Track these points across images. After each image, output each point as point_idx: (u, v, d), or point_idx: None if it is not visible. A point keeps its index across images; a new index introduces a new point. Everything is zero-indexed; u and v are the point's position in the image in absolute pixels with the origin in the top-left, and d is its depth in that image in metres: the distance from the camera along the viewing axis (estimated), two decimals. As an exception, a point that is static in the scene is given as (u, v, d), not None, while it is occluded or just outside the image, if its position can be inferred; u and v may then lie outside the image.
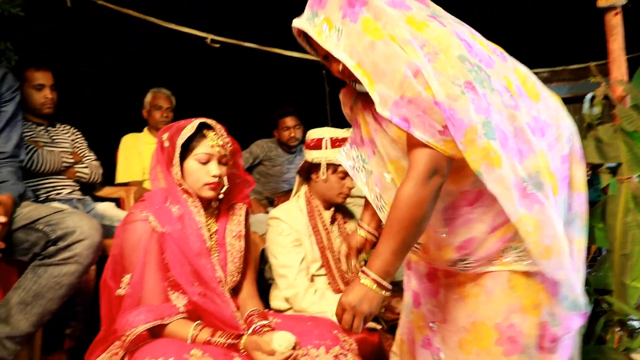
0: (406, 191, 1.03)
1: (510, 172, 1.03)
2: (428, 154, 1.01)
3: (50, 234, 1.42)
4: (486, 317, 1.16)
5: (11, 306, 1.39)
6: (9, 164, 1.62)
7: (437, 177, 1.03)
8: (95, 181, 2.30)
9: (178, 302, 1.45)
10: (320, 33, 1.06)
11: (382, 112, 1.02)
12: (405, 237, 1.05)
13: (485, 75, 1.04)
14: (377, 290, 1.05)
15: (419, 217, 1.04)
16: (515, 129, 1.07)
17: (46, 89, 2.18)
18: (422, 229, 1.07)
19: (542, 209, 1.05)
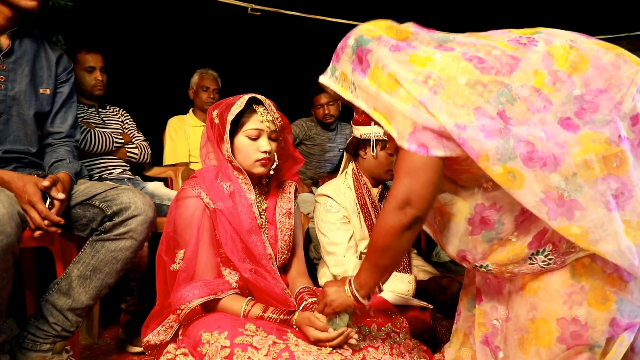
0: (382, 218, 1.11)
1: (537, 188, 0.99)
2: (404, 185, 1.06)
3: (106, 209, 1.45)
4: (546, 313, 1.11)
5: (72, 279, 1.44)
6: (66, 143, 1.66)
7: (410, 209, 1.06)
8: (145, 161, 2.35)
9: (230, 278, 1.46)
10: (340, 86, 1.18)
11: (401, 144, 1.05)
12: (379, 261, 1.16)
13: (502, 88, 1.03)
14: (350, 297, 1.23)
15: (387, 245, 1.12)
16: (547, 131, 1.01)
17: (97, 71, 2.22)
18: (396, 255, 1.15)
19: (584, 215, 0.99)
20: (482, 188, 1.13)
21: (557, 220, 0.99)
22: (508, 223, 1.12)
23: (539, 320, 1.12)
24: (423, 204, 1.06)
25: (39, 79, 1.60)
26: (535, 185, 0.98)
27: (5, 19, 1.49)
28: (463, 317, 1.42)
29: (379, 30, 1.15)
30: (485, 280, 1.29)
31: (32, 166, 1.59)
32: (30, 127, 1.58)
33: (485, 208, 1.13)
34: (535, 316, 1.13)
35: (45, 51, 1.63)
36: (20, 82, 1.54)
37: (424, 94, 1.02)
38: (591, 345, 1.08)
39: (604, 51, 1.10)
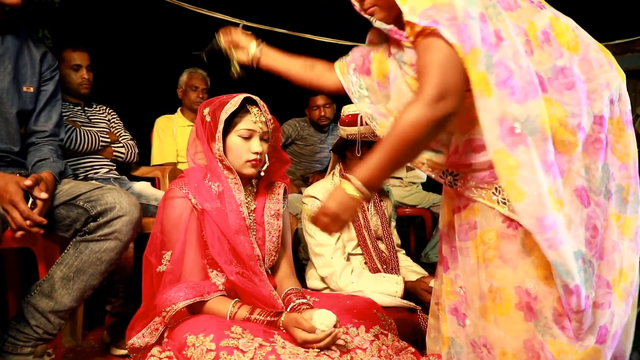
0: (411, 111, 1.02)
1: (499, 105, 1.00)
2: (439, 76, 1.00)
3: (91, 210, 1.42)
4: (504, 280, 1.10)
5: (55, 281, 1.41)
6: (50, 142, 1.63)
7: (445, 102, 1.00)
8: (132, 161, 2.32)
9: (217, 279, 1.44)
10: None
11: (411, 18, 1.02)
12: (397, 155, 1.05)
13: (501, 14, 1.05)
14: (358, 197, 1.07)
15: (416, 139, 1.03)
16: (522, 69, 1.03)
17: (83, 69, 2.18)
18: (416, 151, 1.09)
19: (525, 151, 1.00)
20: None
21: (499, 145, 1.01)
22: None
23: (496, 287, 1.11)
24: (458, 98, 1.02)
25: (22, 77, 1.57)
26: (496, 105, 1.00)
27: None
28: (434, 291, 1.40)
29: None
30: (450, 247, 1.28)
31: (15, 165, 1.56)
32: (13, 126, 1.55)
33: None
34: (493, 285, 1.12)
35: (29, 48, 1.60)
36: (2, 80, 1.51)
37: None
38: (540, 318, 1.06)
39: (596, 49, 1.15)
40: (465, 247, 1.20)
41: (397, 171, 1.90)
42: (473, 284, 1.18)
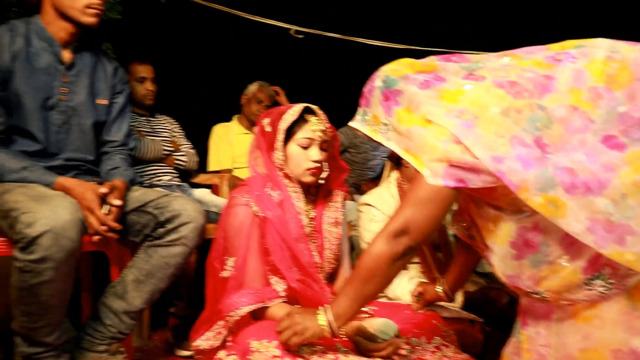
0: (371, 245, 1.10)
1: (582, 215, 0.94)
2: (406, 213, 1.06)
3: (159, 216, 1.49)
4: (600, 343, 1.03)
5: (127, 283, 1.48)
6: (120, 151, 1.72)
7: (405, 239, 1.06)
8: (192, 168, 2.41)
9: (278, 286, 1.47)
10: (372, 129, 1.17)
11: (435, 182, 1.03)
12: (362, 288, 1.13)
13: (538, 111, 1.00)
14: (326, 327, 1.16)
15: (374, 273, 1.10)
16: (589, 152, 0.97)
17: (148, 81, 2.30)
18: (379, 286, 1.14)
19: (637, 240, 0.93)
20: (522, 212, 1.07)
21: (607, 248, 0.94)
22: (554, 245, 1.05)
23: (590, 350, 1.04)
24: (420, 236, 1.07)
25: (97, 90, 1.67)
26: (579, 213, 0.94)
27: (68, 34, 1.56)
28: (511, 344, 1.36)
29: (404, 69, 1.15)
30: (532, 303, 1.21)
31: (90, 173, 1.65)
32: (89, 136, 1.65)
33: (528, 230, 1.06)
34: (587, 346, 1.05)
35: (103, 64, 1.70)
36: (80, 94, 1.61)
37: (457, 128, 1.01)
38: None
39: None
40: (562, 305, 1.12)
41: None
42: (560, 343, 1.12)
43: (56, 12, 1.52)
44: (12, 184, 1.37)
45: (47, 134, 1.54)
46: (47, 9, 1.53)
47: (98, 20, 1.55)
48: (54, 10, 1.52)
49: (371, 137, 1.18)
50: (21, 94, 1.48)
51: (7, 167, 1.42)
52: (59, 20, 1.53)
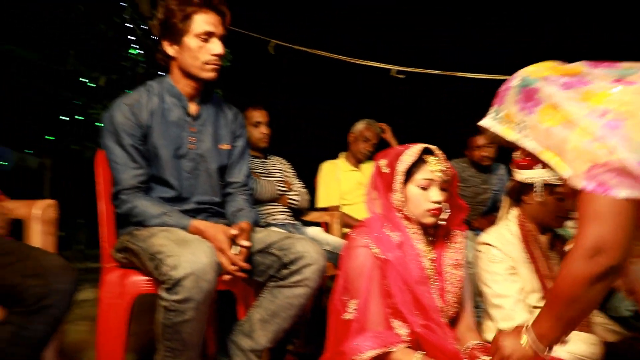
0: (567, 267, 1.04)
1: None
2: (592, 231, 0.99)
3: (283, 258, 1.55)
4: None
5: (253, 322, 1.55)
6: (242, 192, 1.83)
7: (602, 258, 0.98)
8: (304, 207, 2.49)
9: (400, 330, 1.45)
10: (505, 128, 1.16)
11: (577, 184, 0.99)
12: (562, 312, 1.07)
13: None
14: (530, 349, 1.12)
15: (574, 297, 1.03)
16: None
17: (262, 125, 2.44)
18: (581, 310, 1.06)
19: None
20: None
21: None
22: None
23: None
24: (617, 252, 0.98)
25: (220, 137, 1.79)
26: None
27: (193, 89, 1.72)
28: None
29: (546, 71, 1.12)
30: None
31: (218, 215, 1.77)
32: (215, 180, 1.77)
33: None
34: None
35: (224, 111, 1.84)
36: (206, 142, 1.74)
37: (601, 129, 0.96)
38: None
39: None
40: None
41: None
42: None
43: (181, 71, 1.69)
44: (156, 228, 1.52)
45: (180, 180, 1.69)
46: (174, 69, 1.70)
47: (217, 75, 1.69)
48: (179, 70, 1.69)
49: (504, 136, 1.16)
50: (158, 146, 1.65)
51: (149, 213, 1.57)
52: (184, 78, 1.69)
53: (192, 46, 1.61)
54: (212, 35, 1.62)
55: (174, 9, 1.59)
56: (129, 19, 4.94)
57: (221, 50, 1.64)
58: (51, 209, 1.47)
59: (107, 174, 1.79)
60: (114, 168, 1.60)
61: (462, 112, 3.85)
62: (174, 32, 1.61)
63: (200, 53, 1.61)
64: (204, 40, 1.61)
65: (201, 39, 1.60)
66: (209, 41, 1.62)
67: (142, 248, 1.45)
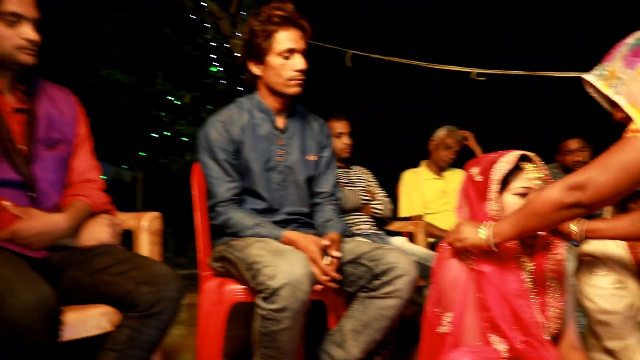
0: (547, 188, 1.21)
1: None
2: (589, 172, 1.11)
3: (374, 268, 1.55)
4: None
5: (345, 333, 1.56)
6: (330, 202, 1.86)
7: (578, 193, 1.11)
8: (387, 216, 2.48)
9: (499, 346, 1.39)
10: (603, 83, 1.21)
11: None
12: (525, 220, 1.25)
13: None
14: (483, 239, 1.33)
15: (539, 212, 1.20)
16: None
17: (344, 136, 2.47)
18: (540, 224, 1.24)
19: None
20: None
21: None
22: None
23: None
24: (594, 197, 1.10)
25: (307, 148, 1.83)
26: None
27: (280, 104, 1.77)
28: None
29: None
30: None
31: (306, 226, 1.81)
32: (303, 191, 1.81)
33: None
34: None
35: (309, 123, 1.88)
36: (293, 154, 1.79)
37: None
38: None
39: None
40: None
41: None
42: None
43: (267, 88, 1.75)
44: (251, 238, 1.58)
45: (270, 192, 1.74)
46: (261, 87, 1.77)
47: (301, 90, 1.73)
48: (266, 87, 1.75)
49: (600, 91, 1.21)
50: (249, 160, 1.72)
51: (244, 224, 1.63)
52: (271, 94, 1.76)
53: (275, 64, 1.67)
54: (294, 52, 1.67)
55: (256, 29, 1.65)
56: (211, 39, 5.21)
57: (304, 66, 1.68)
58: (157, 221, 1.57)
59: (202, 187, 1.89)
60: (209, 182, 1.69)
61: (550, 113, 3.65)
62: (258, 52, 1.67)
63: (284, 70, 1.67)
64: (286, 58, 1.66)
65: (283, 57, 1.66)
66: (291, 57, 1.66)
67: (239, 258, 1.51)
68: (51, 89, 1.45)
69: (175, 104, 5.16)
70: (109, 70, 4.97)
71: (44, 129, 1.37)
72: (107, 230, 1.42)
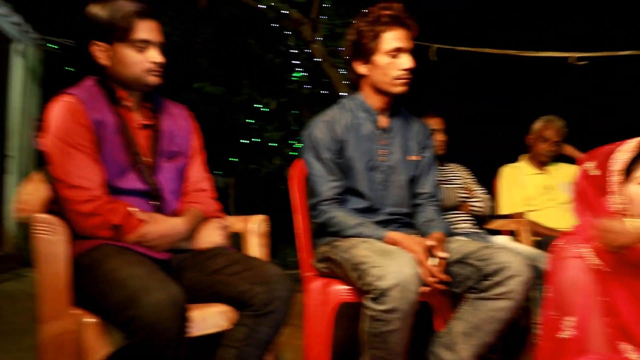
0: None
1: None
2: None
3: (484, 268, 1.48)
4: None
5: (454, 335, 1.51)
6: (431, 202, 1.81)
7: None
8: (487, 214, 2.37)
9: (632, 355, 1.27)
10: None
11: None
12: None
13: None
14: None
15: None
16: None
17: (438, 133, 2.40)
18: None
19: None
20: None
21: None
22: None
23: None
24: None
25: (409, 148, 1.80)
26: None
27: (384, 103, 1.76)
28: None
29: None
30: None
31: (407, 226, 1.78)
32: (404, 191, 1.78)
33: None
34: None
35: (411, 123, 1.85)
36: (395, 153, 1.77)
37: None
38: None
39: None
40: None
41: None
42: None
43: (372, 88, 1.74)
44: (355, 239, 1.58)
45: (372, 191, 1.73)
46: (365, 86, 1.76)
47: (407, 89, 1.71)
48: (370, 87, 1.74)
49: None
50: (352, 159, 1.72)
51: (346, 224, 1.64)
52: (375, 94, 1.74)
53: (382, 63, 1.66)
54: (401, 51, 1.65)
55: (363, 30, 1.66)
56: (293, 45, 5.34)
57: (411, 65, 1.66)
58: (264, 224, 1.63)
59: (302, 188, 1.93)
60: (313, 181, 1.71)
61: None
62: (364, 52, 1.67)
63: (390, 69, 1.65)
64: (393, 57, 1.65)
65: (390, 56, 1.65)
66: (398, 56, 1.65)
67: (345, 259, 1.52)
68: (170, 106, 1.57)
69: (262, 111, 5.34)
70: (201, 83, 5.27)
71: (166, 143, 1.48)
72: (219, 233, 1.50)
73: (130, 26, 1.36)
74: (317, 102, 5.16)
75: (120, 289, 1.11)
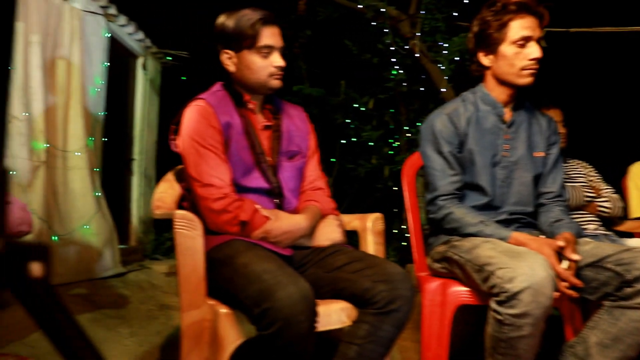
0: None
1: None
2: None
3: (625, 274, 1.35)
4: None
5: (589, 346, 1.39)
6: (557, 202, 1.69)
7: None
8: (616, 215, 2.16)
9: None
10: None
11: None
12: None
13: None
14: None
15: None
16: None
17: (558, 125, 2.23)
18: None
19: None
20: None
21: None
22: None
23: None
24: None
25: (534, 144, 1.70)
26: None
27: (508, 96, 1.67)
28: None
29: None
30: None
31: (530, 226, 1.67)
32: (528, 189, 1.68)
33: None
34: None
35: (537, 118, 1.74)
36: (519, 149, 1.67)
37: None
38: None
39: None
40: None
41: None
42: None
43: (496, 79, 1.66)
44: (477, 239, 1.51)
45: (494, 188, 1.65)
46: (488, 78, 1.69)
47: (534, 80, 1.60)
48: (494, 79, 1.66)
49: None
50: (474, 153, 1.65)
51: (466, 221, 1.57)
52: (499, 85, 1.66)
53: (508, 53, 1.58)
54: (530, 40, 1.56)
55: (489, 20, 1.59)
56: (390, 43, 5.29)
57: (539, 54, 1.56)
58: (380, 222, 1.62)
59: (412, 186, 1.90)
60: (431, 175, 1.67)
61: None
62: (490, 43, 1.60)
63: (517, 59, 1.57)
64: (521, 46, 1.56)
65: (518, 45, 1.56)
66: (525, 46, 1.56)
67: (467, 259, 1.46)
68: (288, 107, 1.63)
69: (360, 111, 5.36)
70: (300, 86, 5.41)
71: (286, 143, 1.54)
72: (338, 230, 1.52)
73: (256, 34, 1.43)
74: (414, 100, 5.06)
75: (256, 282, 1.16)
